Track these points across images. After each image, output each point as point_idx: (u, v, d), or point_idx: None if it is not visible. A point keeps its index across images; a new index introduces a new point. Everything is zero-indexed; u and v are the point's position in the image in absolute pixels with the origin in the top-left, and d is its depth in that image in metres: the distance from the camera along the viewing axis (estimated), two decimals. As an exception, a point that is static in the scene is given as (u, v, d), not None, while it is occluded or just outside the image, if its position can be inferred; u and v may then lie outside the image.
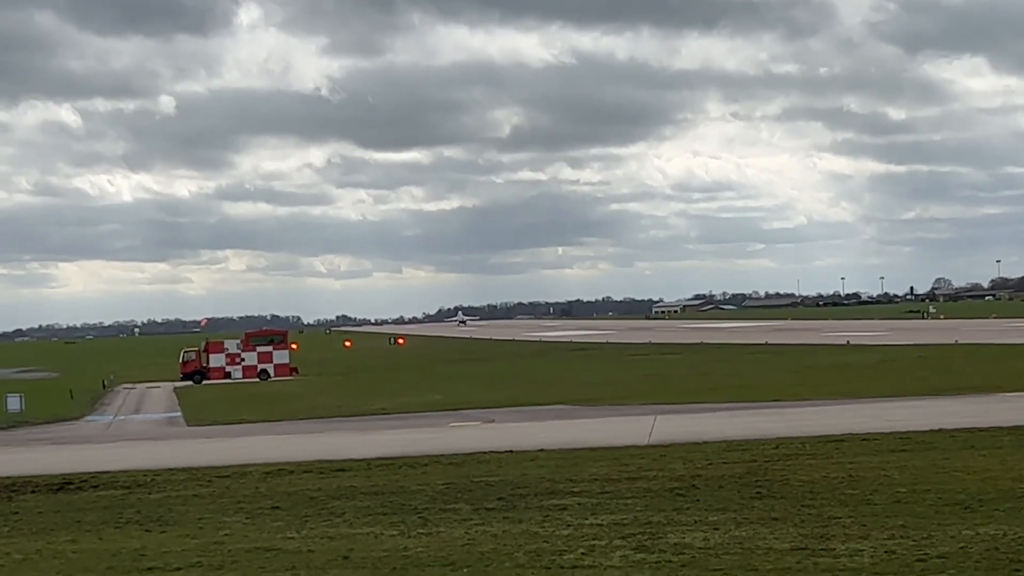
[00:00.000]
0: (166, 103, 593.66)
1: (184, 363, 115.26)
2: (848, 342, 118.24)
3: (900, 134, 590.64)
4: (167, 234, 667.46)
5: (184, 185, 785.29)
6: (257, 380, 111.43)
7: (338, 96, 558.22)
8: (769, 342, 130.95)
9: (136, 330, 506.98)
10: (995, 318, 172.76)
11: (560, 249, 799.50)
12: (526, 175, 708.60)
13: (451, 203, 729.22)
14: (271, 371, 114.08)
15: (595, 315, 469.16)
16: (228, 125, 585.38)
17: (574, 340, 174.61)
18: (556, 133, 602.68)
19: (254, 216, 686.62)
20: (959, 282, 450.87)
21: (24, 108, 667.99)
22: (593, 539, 22.70)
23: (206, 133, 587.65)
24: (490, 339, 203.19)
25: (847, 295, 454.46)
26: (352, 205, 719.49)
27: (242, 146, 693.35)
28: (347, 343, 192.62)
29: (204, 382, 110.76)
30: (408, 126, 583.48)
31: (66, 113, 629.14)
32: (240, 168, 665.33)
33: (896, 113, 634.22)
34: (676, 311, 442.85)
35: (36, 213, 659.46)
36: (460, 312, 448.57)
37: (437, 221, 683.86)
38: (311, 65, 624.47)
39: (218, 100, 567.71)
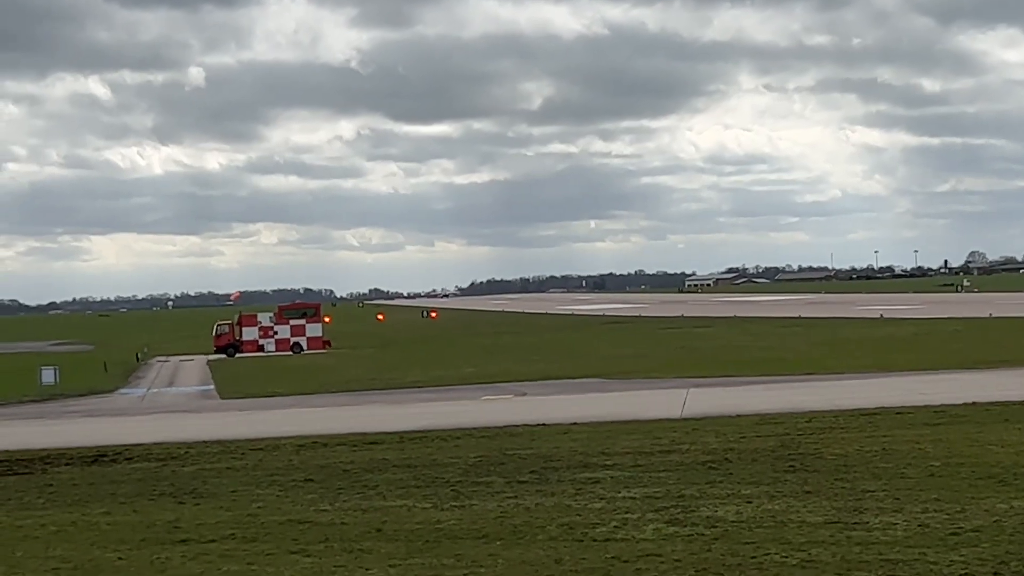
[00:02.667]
0: (195, 75, 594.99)
1: (217, 336, 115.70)
2: (882, 315, 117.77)
3: (934, 106, 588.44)
4: (198, 207, 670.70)
5: (214, 158, 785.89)
6: (290, 353, 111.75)
7: (368, 68, 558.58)
8: (802, 315, 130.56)
9: (169, 303, 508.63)
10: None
11: (592, 222, 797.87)
12: (557, 148, 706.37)
13: (482, 176, 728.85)
14: (304, 344, 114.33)
15: (628, 288, 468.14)
16: (257, 97, 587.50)
17: (607, 313, 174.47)
18: (587, 105, 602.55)
19: (285, 189, 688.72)
20: (993, 255, 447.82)
21: (52, 80, 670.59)
22: (626, 512, 22.69)
23: (235, 105, 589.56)
24: (523, 312, 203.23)
25: (881, 268, 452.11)
26: (383, 178, 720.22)
27: (272, 119, 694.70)
28: (380, 316, 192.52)
29: (237, 355, 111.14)
30: (438, 98, 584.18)
31: (95, 85, 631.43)
32: (270, 141, 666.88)
33: (930, 85, 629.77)
34: (709, 284, 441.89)
35: (67, 186, 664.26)
36: (442, 288, 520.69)
37: (468, 194, 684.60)
38: (340, 37, 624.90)
39: (247, 72, 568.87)
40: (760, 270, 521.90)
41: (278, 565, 19.71)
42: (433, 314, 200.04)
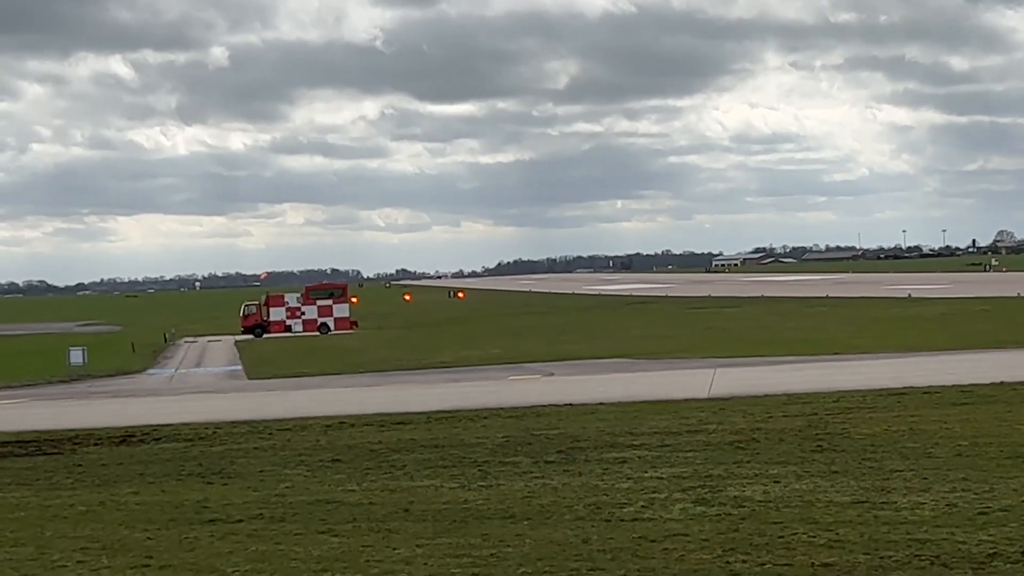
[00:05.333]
0: (219, 54, 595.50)
1: (245, 317, 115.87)
2: (910, 295, 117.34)
3: (962, 84, 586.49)
4: (224, 187, 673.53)
5: (239, 138, 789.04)
6: (317, 334, 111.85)
7: (392, 47, 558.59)
8: (830, 295, 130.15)
9: (197, 284, 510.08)
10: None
11: (619, 202, 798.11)
12: (582, 127, 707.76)
13: (507, 156, 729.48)
14: (331, 325, 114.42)
15: (655, 268, 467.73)
16: (281, 77, 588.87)
17: (634, 293, 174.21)
18: (612, 84, 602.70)
19: (310, 169, 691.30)
20: (1022, 234, 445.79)
21: (76, 60, 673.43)
22: (653, 492, 22.67)
23: (259, 85, 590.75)
24: (550, 292, 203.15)
25: (908, 248, 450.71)
26: (408, 158, 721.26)
27: (296, 98, 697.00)
28: (406, 296, 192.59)
29: (264, 336, 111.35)
30: (462, 77, 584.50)
31: (118, 65, 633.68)
32: (294, 121, 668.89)
33: (958, 63, 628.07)
34: (736, 264, 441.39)
35: (92, 167, 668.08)
36: (436, 271, 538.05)
37: (494, 174, 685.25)
38: (364, 15, 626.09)
39: (271, 51, 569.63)
40: (787, 250, 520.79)
41: (306, 545, 19.77)
42: (460, 294, 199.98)
